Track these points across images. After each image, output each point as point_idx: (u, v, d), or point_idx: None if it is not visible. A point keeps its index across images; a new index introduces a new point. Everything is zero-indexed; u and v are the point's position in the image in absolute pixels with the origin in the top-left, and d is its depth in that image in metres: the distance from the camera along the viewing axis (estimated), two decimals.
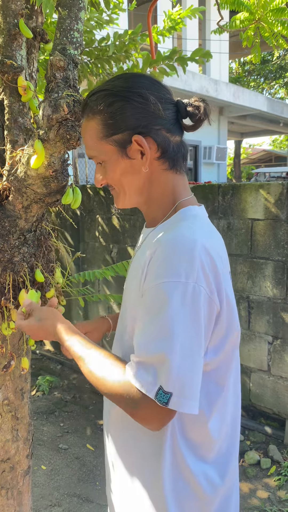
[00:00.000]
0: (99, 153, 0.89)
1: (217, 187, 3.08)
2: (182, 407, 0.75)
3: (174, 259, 0.78)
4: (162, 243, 0.82)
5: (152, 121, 0.87)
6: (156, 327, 0.77)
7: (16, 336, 1.30)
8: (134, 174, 0.89)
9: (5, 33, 1.11)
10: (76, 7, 1.00)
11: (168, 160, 0.90)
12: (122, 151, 0.87)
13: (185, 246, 0.79)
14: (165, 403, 0.75)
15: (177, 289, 0.76)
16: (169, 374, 0.75)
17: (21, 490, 1.43)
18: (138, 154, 0.87)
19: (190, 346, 0.76)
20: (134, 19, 9.87)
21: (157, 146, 0.88)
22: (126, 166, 0.88)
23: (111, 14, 2.96)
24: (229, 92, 9.76)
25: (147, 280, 0.82)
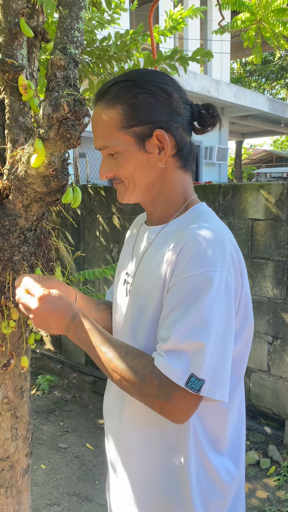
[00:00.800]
0: (114, 143, 0.87)
1: (217, 187, 3.08)
2: (214, 394, 0.76)
3: (208, 251, 0.79)
4: (191, 237, 0.82)
5: (173, 118, 0.87)
6: (194, 316, 0.77)
7: (16, 335, 1.30)
8: (148, 169, 0.89)
9: (5, 32, 1.11)
10: (77, 6, 1.00)
11: (182, 159, 0.91)
12: (140, 144, 0.86)
13: (216, 239, 0.81)
14: (197, 390, 0.75)
15: (214, 278, 0.78)
16: (203, 361, 0.76)
17: (20, 489, 1.43)
18: (156, 149, 0.87)
19: (223, 334, 0.78)
20: (135, 19, 9.87)
21: (175, 144, 0.88)
22: (142, 160, 0.88)
23: (113, 14, 2.96)
24: (230, 92, 9.76)
25: (179, 272, 0.81)
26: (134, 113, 0.85)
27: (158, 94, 0.85)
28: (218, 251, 0.80)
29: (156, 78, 0.87)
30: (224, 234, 0.84)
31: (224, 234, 0.84)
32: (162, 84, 0.86)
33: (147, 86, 0.85)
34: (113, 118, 0.87)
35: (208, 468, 0.88)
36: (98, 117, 0.89)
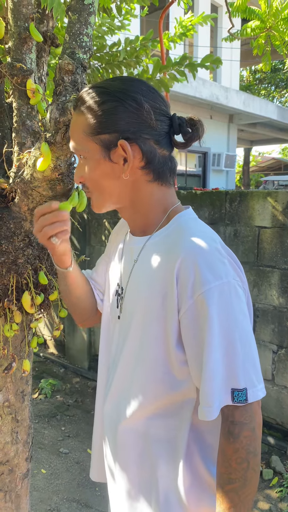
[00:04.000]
0: (82, 148, 0.87)
1: (224, 194, 3.07)
2: (258, 395, 0.79)
3: (208, 263, 0.79)
4: (186, 250, 0.81)
5: (142, 129, 0.84)
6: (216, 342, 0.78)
7: (18, 338, 1.30)
8: (114, 179, 0.86)
9: (15, 37, 1.11)
10: (86, 12, 1.00)
11: (153, 172, 0.87)
12: (105, 152, 0.85)
13: (210, 248, 0.81)
14: (244, 400, 0.77)
15: (224, 290, 0.78)
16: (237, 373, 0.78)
17: (19, 494, 1.42)
18: (121, 160, 0.84)
19: (247, 338, 0.80)
20: (146, 25, 9.93)
21: (142, 155, 0.85)
22: (107, 169, 0.86)
23: (123, 20, 2.98)
24: (239, 99, 9.77)
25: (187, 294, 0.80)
26: (101, 121, 0.83)
27: (127, 103, 0.82)
28: (217, 260, 0.80)
29: (130, 87, 0.85)
30: (215, 239, 0.84)
31: (215, 239, 0.84)
32: (133, 93, 0.83)
33: (117, 94, 0.83)
34: (82, 123, 0.85)
35: (203, 478, 0.88)
36: (73, 121, 0.89)
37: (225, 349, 0.78)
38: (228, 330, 0.78)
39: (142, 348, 0.89)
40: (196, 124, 0.89)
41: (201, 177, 10.28)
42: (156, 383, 0.88)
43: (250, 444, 0.78)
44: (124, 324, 0.95)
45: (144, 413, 0.90)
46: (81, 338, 4.09)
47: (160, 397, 0.88)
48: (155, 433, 0.89)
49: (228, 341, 0.78)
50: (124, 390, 0.93)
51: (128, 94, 0.83)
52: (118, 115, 0.83)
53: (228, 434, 0.79)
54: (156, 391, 0.88)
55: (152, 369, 0.88)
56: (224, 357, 0.78)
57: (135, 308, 0.90)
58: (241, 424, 0.78)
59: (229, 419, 0.79)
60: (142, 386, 0.89)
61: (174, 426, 0.88)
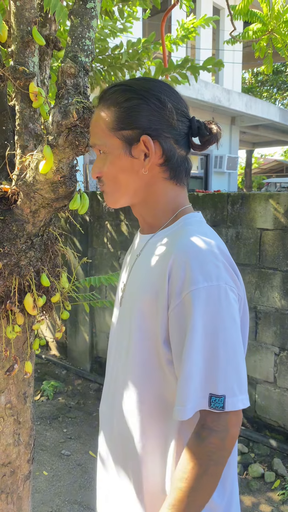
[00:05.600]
0: (103, 143, 0.89)
1: (226, 196, 3.07)
2: (237, 405, 0.76)
3: (200, 264, 0.79)
4: (181, 250, 0.81)
5: (164, 128, 0.87)
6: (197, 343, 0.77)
7: (21, 340, 1.31)
8: (132, 174, 0.88)
9: (18, 40, 1.12)
10: (88, 16, 1.01)
11: (170, 170, 0.90)
12: (126, 148, 0.87)
13: (205, 249, 0.81)
14: (221, 407, 0.75)
15: (212, 292, 0.77)
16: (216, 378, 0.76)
17: (21, 495, 1.42)
18: (142, 155, 0.87)
19: (232, 345, 0.78)
20: (148, 28, 9.96)
21: (162, 153, 0.87)
22: (127, 164, 0.88)
23: (125, 23, 2.99)
24: (241, 102, 9.78)
25: (176, 292, 0.80)
26: (125, 117, 0.86)
27: (151, 102, 0.85)
28: (210, 262, 0.79)
29: (154, 87, 0.88)
30: (212, 242, 0.83)
31: (212, 243, 0.83)
32: (157, 92, 0.86)
33: (142, 93, 0.86)
34: (105, 119, 0.88)
35: None
36: (94, 117, 0.91)
37: (207, 352, 0.77)
38: (213, 334, 0.77)
39: (134, 344, 0.89)
40: (214, 128, 0.91)
41: (203, 179, 10.29)
42: (146, 380, 0.88)
43: (214, 452, 0.76)
44: (122, 320, 0.96)
45: (136, 410, 0.90)
46: (83, 340, 4.09)
47: (151, 395, 0.88)
48: (146, 430, 0.89)
49: (211, 344, 0.77)
50: (117, 387, 0.94)
51: (152, 93, 0.86)
52: (142, 112, 0.85)
53: (195, 435, 0.78)
54: (146, 390, 0.88)
55: (143, 366, 0.88)
56: (205, 359, 0.77)
57: (131, 304, 0.92)
58: (210, 430, 0.77)
59: (201, 422, 0.78)
60: (133, 384, 0.90)
61: (164, 425, 0.88)
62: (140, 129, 0.86)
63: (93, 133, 0.91)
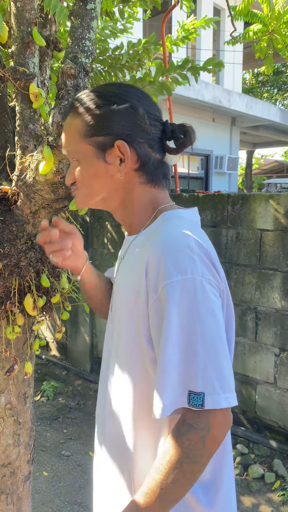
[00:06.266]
0: (75, 150, 0.89)
1: (226, 196, 3.07)
2: (218, 403, 0.73)
3: (174, 258, 0.78)
4: (156, 245, 0.81)
5: (137, 133, 0.86)
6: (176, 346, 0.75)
7: (21, 341, 1.31)
8: (106, 179, 0.88)
9: (18, 41, 1.12)
10: (89, 17, 1.01)
11: (146, 174, 0.89)
12: (100, 154, 0.86)
13: (180, 243, 0.80)
14: (200, 405, 0.73)
15: (187, 286, 0.76)
16: (195, 375, 0.74)
17: (21, 496, 1.42)
18: (117, 160, 0.86)
19: (211, 340, 0.75)
20: (149, 29, 9.97)
21: (137, 158, 0.87)
22: (101, 169, 0.87)
23: (126, 24, 3.00)
24: (242, 102, 9.78)
25: (153, 289, 0.80)
26: (97, 123, 0.85)
27: (122, 107, 0.85)
28: (185, 256, 0.78)
29: (125, 92, 0.87)
30: (189, 235, 0.81)
31: (189, 236, 0.81)
32: (129, 98, 0.86)
33: (113, 98, 0.85)
34: (77, 126, 0.87)
35: None
36: (66, 124, 0.91)
37: (183, 346, 0.75)
38: (189, 328, 0.75)
39: (120, 346, 0.90)
40: (187, 130, 0.91)
41: (203, 179, 10.29)
42: (133, 381, 0.88)
43: (191, 450, 0.74)
44: (111, 320, 0.97)
45: (125, 411, 0.90)
46: (83, 340, 4.09)
47: (138, 396, 0.87)
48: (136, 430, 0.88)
49: (188, 339, 0.75)
50: (107, 389, 0.95)
51: (123, 99, 0.86)
52: (113, 118, 0.85)
53: (175, 429, 0.77)
54: (134, 390, 0.87)
55: (129, 367, 0.88)
56: (181, 355, 0.75)
57: (118, 304, 0.93)
58: (190, 426, 0.75)
59: (182, 417, 0.77)
60: (121, 385, 0.90)
61: (154, 424, 0.87)
62: (113, 135, 0.85)
63: (66, 141, 0.90)
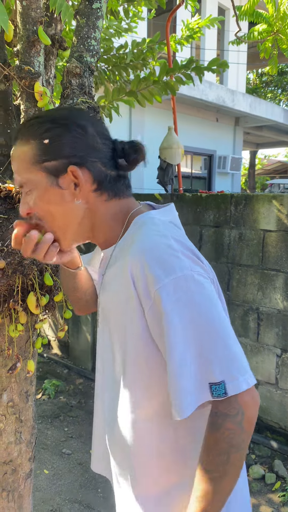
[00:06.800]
0: (28, 179, 0.85)
1: (229, 196, 3.07)
2: (240, 387, 0.74)
3: (158, 260, 0.77)
4: (136, 253, 0.79)
5: (89, 153, 0.84)
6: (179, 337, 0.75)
7: (23, 339, 1.31)
8: (64, 205, 0.85)
9: (24, 40, 1.12)
10: (94, 16, 1.01)
11: (107, 191, 0.87)
12: (53, 180, 0.83)
13: (159, 244, 0.79)
14: (223, 393, 0.74)
15: (180, 283, 0.75)
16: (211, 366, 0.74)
17: (22, 493, 1.43)
18: (71, 185, 0.83)
19: (217, 327, 0.75)
20: (153, 28, 9.96)
21: (93, 179, 0.85)
22: (56, 196, 0.84)
23: (130, 23, 3.00)
24: (245, 102, 9.77)
25: (143, 294, 0.79)
26: (46, 148, 0.82)
27: (71, 129, 0.83)
28: (168, 255, 0.78)
29: (72, 114, 0.86)
30: (166, 234, 0.81)
31: (166, 235, 0.81)
32: (76, 119, 0.84)
33: (60, 121, 0.83)
34: (26, 153, 0.84)
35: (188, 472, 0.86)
36: (15, 152, 0.86)
37: (192, 343, 0.75)
38: (193, 323, 0.75)
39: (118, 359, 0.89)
40: (138, 147, 0.89)
41: (206, 179, 10.28)
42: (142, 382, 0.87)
43: (233, 437, 0.75)
44: (102, 330, 0.96)
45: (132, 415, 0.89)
46: (85, 339, 4.10)
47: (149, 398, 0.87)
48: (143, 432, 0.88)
49: (195, 334, 0.75)
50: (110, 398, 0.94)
51: (71, 121, 0.84)
52: (63, 141, 0.82)
53: (210, 425, 0.77)
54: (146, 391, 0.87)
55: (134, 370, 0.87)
56: (193, 352, 0.75)
57: (107, 317, 0.92)
58: (224, 416, 0.75)
59: (213, 410, 0.77)
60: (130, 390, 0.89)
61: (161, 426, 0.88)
62: (64, 159, 0.82)
63: (16, 171, 0.86)
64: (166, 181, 3.73)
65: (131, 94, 2.52)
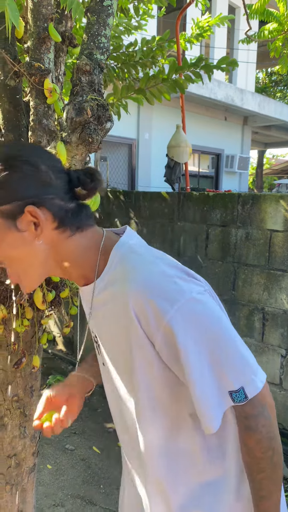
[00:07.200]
0: None
1: (237, 196, 3.06)
2: (257, 387, 0.79)
3: (160, 293, 0.77)
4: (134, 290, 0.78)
5: (44, 191, 0.80)
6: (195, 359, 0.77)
7: (29, 334, 1.32)
8: (26, 247, 0.81)
9: (34, 36, 1.13)
10: (105, 13, 1.01)
11: (69, 227, 0.83)
12: (10, 223, 0.79)
13: (154, 275, 0.79)
14: (244, 398, 0.78)
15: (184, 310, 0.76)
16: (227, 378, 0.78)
17: (25, 487, 1.44)
18: (31, 226, 0.79)
19: (226, 338, 0.79)
20: (163, 26, 9.93)
21: (53, 217, 0.81)
22: (16, 239, 0.80)
23: (140, 20, 2.99)
24: (254, 101, 9.72)
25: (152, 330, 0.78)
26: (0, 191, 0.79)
27: (22, 168, 0.79)
28: (166, 284, 0.78)
29: (20, 152, 0.82)
30: (155, 262, 0.81)
31: (155, 262, 0.81)
32: (26, 157, 0.80)
33: (9, 162, 0.79)
34: None
35: None
36: None
37: (206, 361, 0.77)
38: (205, 343, 0.77)
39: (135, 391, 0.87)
40: (93, 173, 0.87)
41: (213, 178, 10.25)
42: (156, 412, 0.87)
43: (268, 431, 0.80)
44: (106, 371, 0.95)
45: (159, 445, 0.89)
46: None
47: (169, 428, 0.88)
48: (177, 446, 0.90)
49: (207, 352, 0.77)
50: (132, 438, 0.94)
51: (20, 160, 0.79)
52: (15, 182, 0.78)
53: (246, 429, 0.81)
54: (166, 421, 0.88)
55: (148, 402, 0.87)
56: (210, 370, 0.78)
57: (111, 356, 0.91)
58: (255, 417, 0.80)
59: (242, 415, 0.81)
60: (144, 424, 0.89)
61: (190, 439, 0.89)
62: (19, 200, 0.78)
63: None
64: (173, 180, 3.73)
65: (140, 92, 2.52)
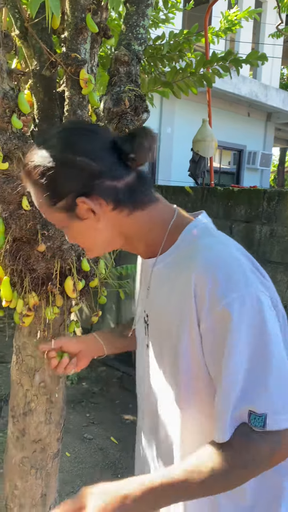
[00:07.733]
0: (54, 219, 0.88)
1: (262, 192, 3.04)
2: (280, 424, 0.72)
3: (226, 275, 0.75)
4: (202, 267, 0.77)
5: (90, 179, 0.81)
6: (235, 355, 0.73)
7: (58, 322, 1.34)
8: (92, 231, 0.86)
9: (72, 27, 1.14)
10: (144, 4, 1.02)
11: (126, 206, 0.84)
12: (72, 215, 0.84)
13: (228, 258, 0.77)
14: (262, 426, 0.71)
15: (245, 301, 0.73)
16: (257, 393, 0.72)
17: (49, 472, 1.47)
18: (90, 213, 0.83)
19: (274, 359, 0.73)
20: (188, 19, 9.85)
21: (105, 200, 0.82)
22: (82, 227, 0.85)
23: (168, 13, 2.97)
24: (278, 98, 9.58)
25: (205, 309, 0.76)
26: (49, 192, 0.83)
27: (63, 166, 0.81)
28: (236, 271, 0.76)
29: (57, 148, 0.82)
30: (232, 248, 0.80)
31: (232, 249, 0.80)
32: (64, 152, 0.81)
33: (50, 163, 0.81)
34: (39, 200, 0.86)
35: None
36: (33, 198, 0.89)
37: (246, 366, 0.73)
38: (252, 344, 0.73)
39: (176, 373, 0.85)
40: (135, 133, 0.84)
41: (234, 174, 10.17)
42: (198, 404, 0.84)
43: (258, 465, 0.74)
44: (153, 352, 0.93)
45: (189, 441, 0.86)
46: (108, 327, 4.15)
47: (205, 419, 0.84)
48: None
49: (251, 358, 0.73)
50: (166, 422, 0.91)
51: (58, 157, 0.81)
52: (60, 180, 0.82)
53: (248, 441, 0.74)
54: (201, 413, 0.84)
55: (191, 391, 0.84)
56: (245, 374, 0.73)
57: (160, 335, 0.89)
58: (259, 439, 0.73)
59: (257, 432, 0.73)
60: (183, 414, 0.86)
61: None
62: (70, 194, 0.82)
63: (42, 211, 0.89)
64: (197, 174, 3.72)
65: (166, 85, 2.51)
